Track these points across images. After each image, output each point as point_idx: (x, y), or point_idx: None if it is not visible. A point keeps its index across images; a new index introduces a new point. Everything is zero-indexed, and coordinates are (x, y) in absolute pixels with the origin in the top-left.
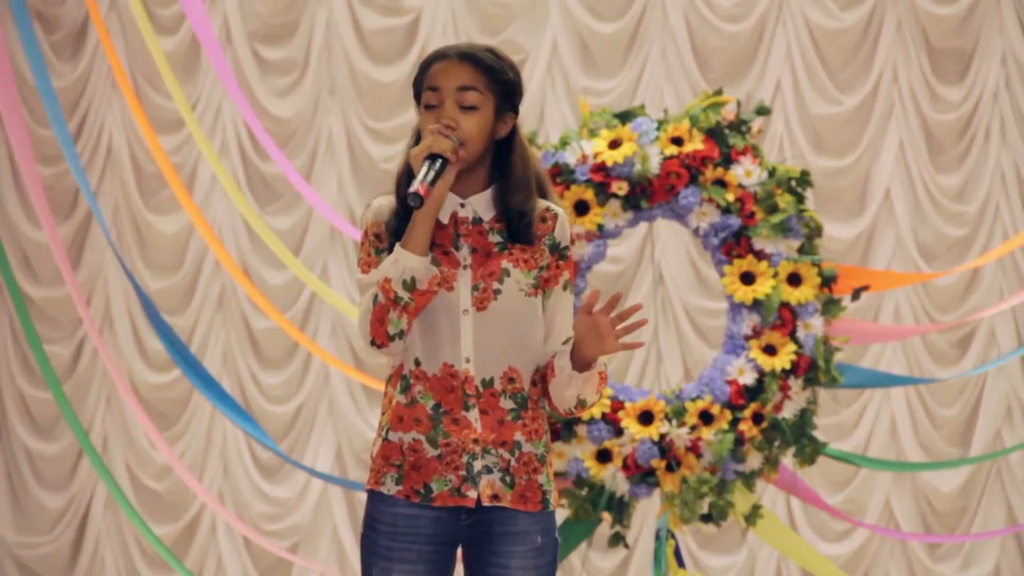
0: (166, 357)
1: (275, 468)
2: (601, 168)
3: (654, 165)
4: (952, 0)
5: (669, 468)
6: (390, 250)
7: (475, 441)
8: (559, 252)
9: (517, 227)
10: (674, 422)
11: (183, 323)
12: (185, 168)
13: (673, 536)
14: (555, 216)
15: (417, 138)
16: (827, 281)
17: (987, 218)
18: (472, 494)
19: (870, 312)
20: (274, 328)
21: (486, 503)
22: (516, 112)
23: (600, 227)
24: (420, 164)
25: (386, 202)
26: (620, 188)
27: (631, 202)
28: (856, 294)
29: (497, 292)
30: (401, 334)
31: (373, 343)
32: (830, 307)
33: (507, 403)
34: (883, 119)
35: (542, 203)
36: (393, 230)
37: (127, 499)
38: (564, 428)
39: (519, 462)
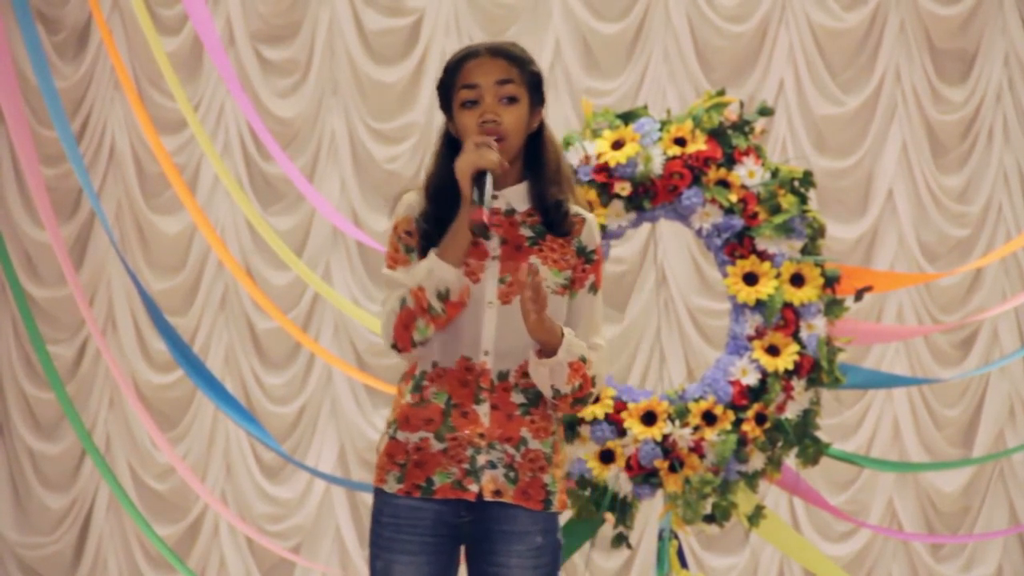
0: (169, 358)
1: (278, 469)
2: (604, 169)
3: (657, 166)
4: (955, 1)
5: (672, 468)
6: (419, 249)
7: (481, 436)
8: (586, 256)
9: (553, 218)
10: (677, 423)
11: (186, 323)
12: (188, 168)
13: (676, 536)
14: (583, 220)
15: (447, 139)
16: (830, 281)
17: (990, 218)
18: (473, 488)
19: (873, 313)
20: (277, 328)
21: (488, 498)
22: (543, 104)
23: (603, 228)
24: (469, 184)
25: (417, 200)
26: (623, 189)
27: (634, 203)
28: (859, 295)
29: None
30: (424, 342)
31: (395, 347)
32: (833, 308)
33: (518, 397)
34: (886, 119)
35: (572, 207)
36: (422, 232)
37: (130, 500)
38: (567, 429)
39: (524, 459)
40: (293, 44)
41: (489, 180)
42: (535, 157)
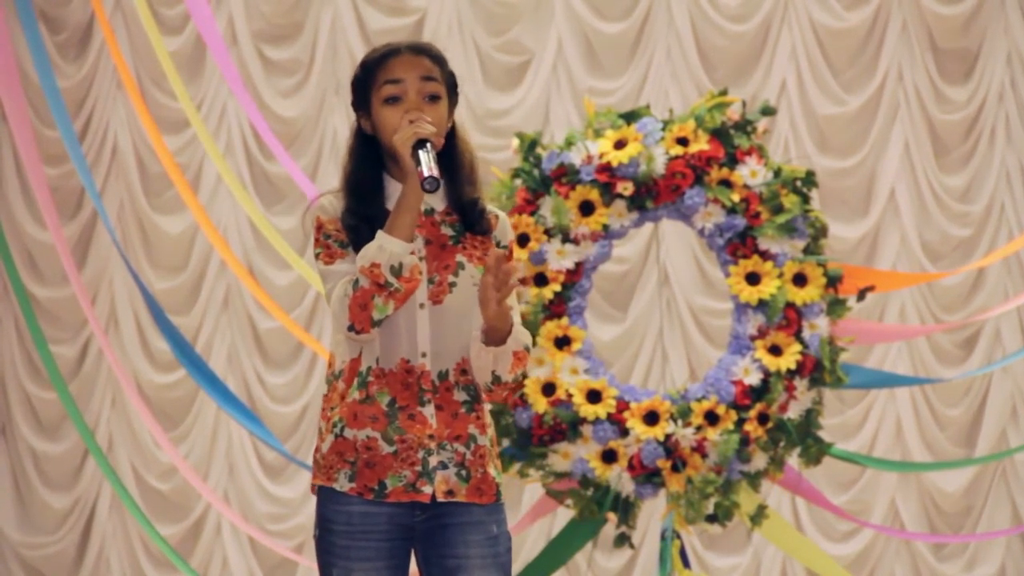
0: (171, 357)
1: (280, 468)
2: (606, 168)
3: (659, 165)
4: (957, 0)
5: (674, 468)
6: (352, 244)
7: (431, 437)
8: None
9: (471, 217)
10: (679, 422)
11: (188, 323)
12: (190, 168)
13: (678, 536)
14: (496, 217)
15: (361, 137)
16: (832, 281)
17: (992, 218)
18: (427, 490)
19: (875, 312)
20: (279, 328)
21: (441, 499)
22: (455, 106)
23: (605, 227)
24: (411, 152)
25: (336, 200)
26: (625, 188)
27: (636, 202)
28: (861, 294)
29: (452, 285)
30: (382, 321)
31: (352, 328)
32: (835, 307)
33: (460, 395)
34: (888, 119)
35: (485, 205)
36: (349, 227)
37: (132, 499)
38: (570, 428)
39: (474, 455)
40: (295, 44)
41: (430, 146)
42: (450, 157)
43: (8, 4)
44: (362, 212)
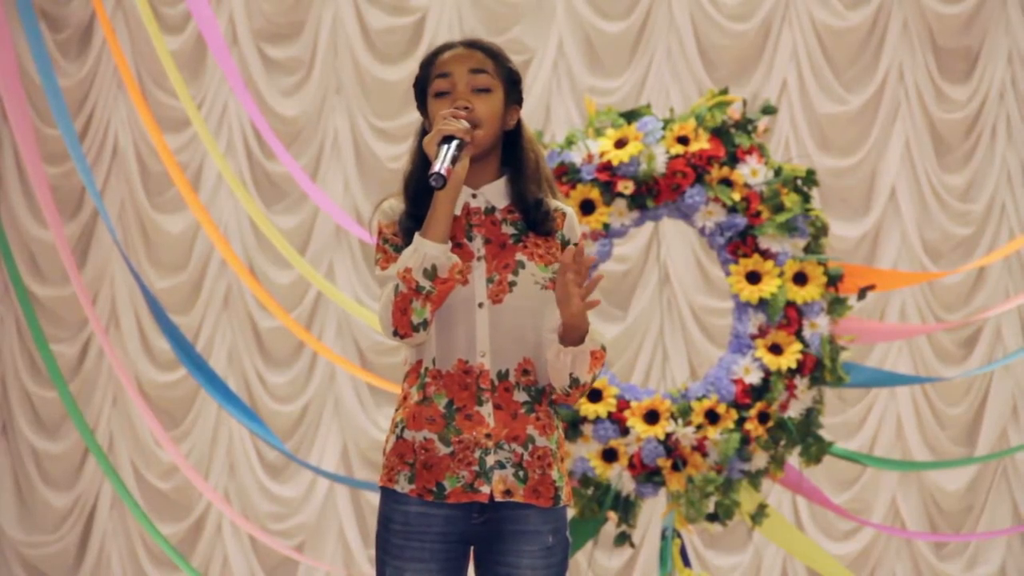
0: (172, 356)
1: (281, 467)
2: (607, 167)
3: (660, 164)
4: None
5: (675, 467)
6: (407, 246)
7: (488, 436)
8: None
9: (535, 217)
10: (680, 421)
11: (189, 322)
12: (191, 167)
13: (679, 535)
14: (563, 214)
15: (423, 133)
16: (833, 280)
17: (993, 217)
18: (485, 489)
19: (876, 311)
20: (280, 327)
21: (499, 498)
22: (520, 104)
23: (606, 226)
24: (435, 149)
25: (396, 203)
26: (626, 187)
27: (637, 201)
28: (862, 293)
29: (512, 284)
30: (425, 324)
31: (396, 333)
32: (836, 306)
33: (521, 395)
34: (889, 118)
35: (551, 202)
36: (405, 230)
37: (133, 498)
38: (570, 427)
39: (532, 456)
40: (296, 43)
41: (453, 144)
42: (513, 155)
43: (9, 2)
44: (419, 214)
